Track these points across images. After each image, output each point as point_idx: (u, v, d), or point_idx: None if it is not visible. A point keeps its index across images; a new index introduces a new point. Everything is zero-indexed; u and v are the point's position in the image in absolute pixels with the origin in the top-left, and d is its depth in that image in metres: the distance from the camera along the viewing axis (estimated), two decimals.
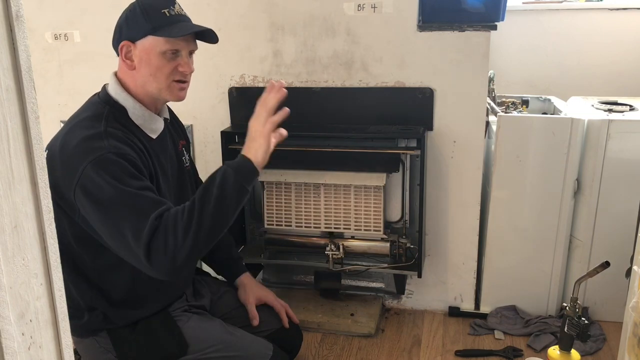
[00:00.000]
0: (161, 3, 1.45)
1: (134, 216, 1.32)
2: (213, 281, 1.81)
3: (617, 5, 2.96)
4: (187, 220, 1.34)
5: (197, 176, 1.83)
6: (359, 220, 2.11)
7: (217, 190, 1.38)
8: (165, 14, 1.44)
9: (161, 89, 1.47)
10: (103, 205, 1.33)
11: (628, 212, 1.93)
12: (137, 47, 1.44)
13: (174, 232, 1.33)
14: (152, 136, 1.51)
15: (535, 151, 2.03)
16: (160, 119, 1.55)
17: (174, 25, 1.44)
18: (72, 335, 1.54)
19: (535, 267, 2.14)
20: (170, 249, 1.32)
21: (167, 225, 1.33)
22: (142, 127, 1.49)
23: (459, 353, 2.01)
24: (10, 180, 0.60)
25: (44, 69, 2.30)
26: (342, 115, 2.13)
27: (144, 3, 1.45)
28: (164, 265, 1.33)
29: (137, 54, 1.44)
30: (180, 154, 1.66)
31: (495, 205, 2.11)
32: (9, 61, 0.59)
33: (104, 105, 1.46)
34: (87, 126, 1.40)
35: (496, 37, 2.13)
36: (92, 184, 1.32)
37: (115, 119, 1.43)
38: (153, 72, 1.44)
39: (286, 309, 1.77)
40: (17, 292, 0.61)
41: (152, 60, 1.44)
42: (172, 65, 1.45)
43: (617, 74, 3.00)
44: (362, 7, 2.01)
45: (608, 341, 2.03)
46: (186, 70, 1.48)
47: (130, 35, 1.44)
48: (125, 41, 1.44)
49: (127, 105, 1.47)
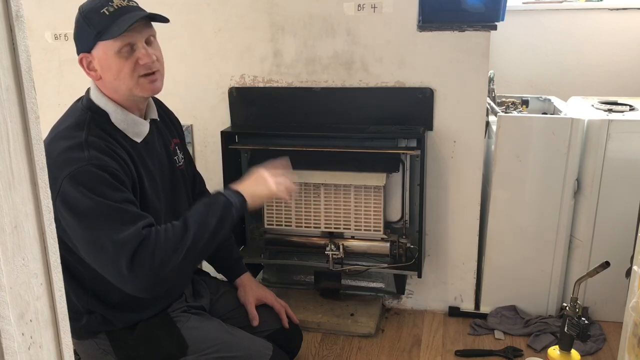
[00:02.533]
0: (99, 3, 1.39)
1: (116, 224, 1.30)
2: (212, 281, 1.80)
3: (617, 5, 2.96)
4: (179, 240, 1.34)
5: (195, 172, 1.81)
6: (359, 220, 2.11)
7: (216, 224, 1.39)
8: (105, 13, 1.37)
9: (130, 88, 1.42)
10: (82, 216, 1.31)
11: (628, 212, 1.93)
12: (94, 57, 1.40)
13: (165, 247, 1.32)
14: (137, 140, 1.48)
15: (535, 151, 2.03)
16: (145, 122, 1.51)
17: (115, 22, 1.37)
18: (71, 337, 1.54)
19: (535, 267, 2.14)
20: (156, 264, 1.31)
21: (158, 239, 1.32)
22: (126, 131, 1.46)
23: (459, 353, 2.01)
24: (10, 180, 0.60)
25: (44, 69, 2.30)
26: (342, 115, 2.13)
27: (85, 10, 1.40)
28: (144, 278, 1.32)
29: (96, 63, 1.40)
30: (172, 154, 1.63)
31: (495, 205, 2.11)
32: (9, 61, 0.59)
33: (86, 112, 1.43)
34: (68, 136, 1.38)
35: (496, 37, 2.13)
36: (71, 196, 1.30)
37: (97, 125, 1.41)
38: (116, 75, 1.40)
39: (286, 309, 1.77)
40: (17, 292, 0.61)
41: (111, 65, 1.39)
42: (131, 62, 1.39)
43: (617, 74, 3.00)
44: (362, 7, 2.01)
45: (608, 341, 2.03)
46: (147, 62, 1.40)
47: (83, 46, 1.41)
48: (81, 54, 1.41)
49: (108, 110, 1.44)
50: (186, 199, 1.67)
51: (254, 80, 2.18)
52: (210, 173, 2.25)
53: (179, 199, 1.62)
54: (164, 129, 1.64)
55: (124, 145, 1.44)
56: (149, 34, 1.43)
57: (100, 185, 1.31)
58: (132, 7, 1.42)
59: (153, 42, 1.46)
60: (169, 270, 1.33)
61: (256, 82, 2.18)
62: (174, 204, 1.59)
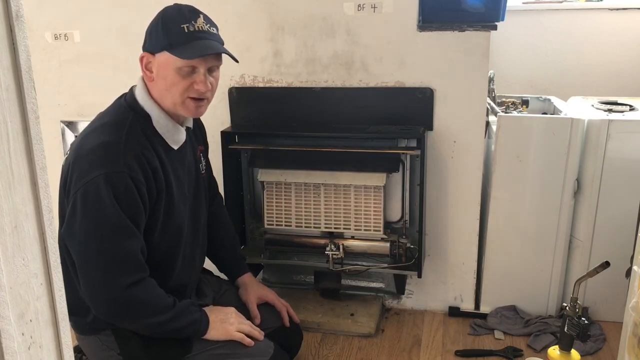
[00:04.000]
0: (182, 17, 1.41)
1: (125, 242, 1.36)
2: (215, 280, 1.82)
3: (617, 5, 2.96)
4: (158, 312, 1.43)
5: (211, 177, 1.83)
6: (359, 220, 2.11)
7: (177, 328, 1.46)
8: (184, 29, 1.40)
9: (175, 104, 1.44)
10: (94, 219, 1.34)
11: (628, 212, 1.93)
12: (156, 60, 1.42)
13: (150, 304, 1.41)
14: (174, 147, 1.50)
15: (535, 151, 2.03)
16: (183, 129, 1.53)
17: (190, 44, 1.39)
18: (74, 332, 1.57)
19: (535, 267, 2.14)
20: (134, 311, 1.40)
21: (152, 293, 1.42)
22: (165, 137, 1.48)
23: (459, 353, 2.01)
24: (10, 180, 0.60)
25: (44, 69, 2.30)
26: (342, 115, 2.13)
27: (167, 16, 1.42)
28: (116, 309, 1.40)
29: (155, 67, 1.43)
30: (197, 161, 1.65)
31: (495, 205, 2.11)
32: (9, 61, 0.59)
33: (128, 111, 1.45)
34: (108, 132, 1.40)
35: (496, 37, 2.13)
36: (95, 194, 1.32)
37: (138, 126, 1.42)
38: (168, 87, 1.42)
39: (287, 308, 1.78)
40: (17, 292, 0.61)
41: (167, 76, 1.41)
42: (187, 83, 1.42)
43: (617, 74, 3.00)
44: (362, 7, 2.01)
45: (608, 341, 2.03)
46: (202, 89, 1.43)
47: (150, 47, 1.43)
48: (145, 52, 1.43)
49: (152, 113, 1.46)
50: (205, 206, 1.69)
51: (254, 80, 2.18)
52: None
53: (200, 204, 1.65)
54: (193, 136, 1.66)
55: (159, 152, 1.45)
56: (214, 64, 1.47)
57: (126, 199, 1.35)
58: (211, 34, 1.45)
59: (215, 71, 1.49)
60: (134, 319, 1.43)
61: (256, 82, 2.18)
62: (194, 210, 1.62)
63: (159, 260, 1.49)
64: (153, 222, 1.44)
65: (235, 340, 1.54)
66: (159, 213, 1.45)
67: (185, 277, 1.60)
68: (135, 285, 1.37)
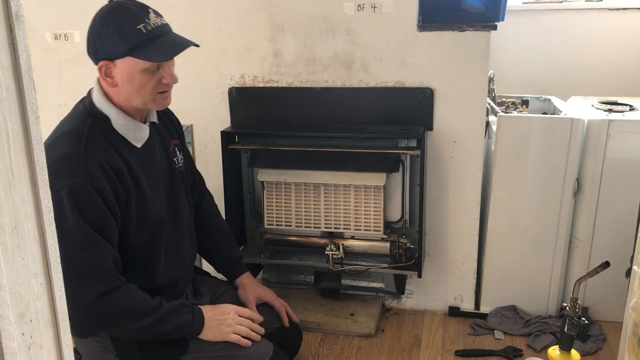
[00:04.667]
0: (134, 17, 1.37)
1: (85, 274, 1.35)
2: (213, 280, 1.81)
3: (617, 5, 2.96)
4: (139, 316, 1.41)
5: (195, 172, 1.81)
6: (359, 220, 2.11)
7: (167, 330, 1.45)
8: (142, 30, 1.37)
9: (146, 102, 1.44)
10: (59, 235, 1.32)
11: (628, 212, 1.93)
12: (116, 66, 1.39)
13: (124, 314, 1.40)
14: (137, 145, 1.49)
15: (535, 151, 2.03)
16: (145, 126, 1.52)
17: (153, 43, 1.37)
18: (71, 335, 1.56)
19: (535, 267, 2.14)
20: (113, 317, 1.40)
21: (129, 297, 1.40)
22: (126, 136, 1.47)
23: (459, 353, 2.01)
24: (10, 180, 0.60)
25: (44, 69, 2.30)
26: (342, 115, 2.13)
27: (116, 18, 1.37)
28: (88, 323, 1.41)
29: (117, 72, 1.40)
30: (171, 156, 1.63)
31: (495, 205, 2.11)
32: (9, 61, 0.59)
33: (87, 117, 1.44)
34: (67, 142, 1.39)
35: (496, 37, 2.13)
36: (58, 209, 1.29)
37: (97, 132, 1.42)
38: (137, 90, 1.41)
39: (286, 308, 1.77)
40: (17, 292, 0.61)
41: (134, 79, 1.39)
42: (155, 80, 1.41)
43: (617, 74, 3.00)
44: (362, 7, 2.01)
45: (608, 341, 2.03)
46: (170, 82, 1.44)
47: (108, 54, 1.39)
48: (103, 62, 1.39)
49: (110, 115, 1.44)
50: (186, 199, 1.67)
51: (254, 80, 2.18)
52: (210, 173, 2.25)
53: (179, 200, 1.63)
54: (164, 130, 1.64)
55: (123, 152, 1.45)
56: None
57: (91, 210, 1.34)
58: (166, 27, 1.44)
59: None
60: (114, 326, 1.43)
61: (256, 82, 2.18)
62: (174, 206, 1.61)
63: (140, 255, 1.49)
64: (127, 220, 1.44)
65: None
66: (132, 211, 1.44)
67: (173, 272, 1.58)
68: (108, 293, 1.37)
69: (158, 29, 1.40)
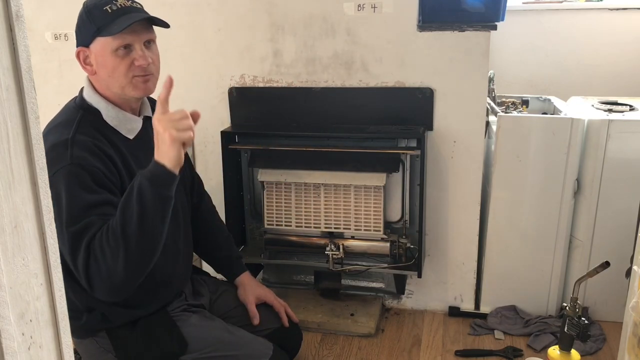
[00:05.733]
0: (104, 1, 1.41)
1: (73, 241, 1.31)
2: (212, 280, 1.81)
3: (617, 5, 2.96)
4: (113, 244, 1.29)
5: (193, 174, 1.81)
6: (359, 220, 2.11)
7: (137, 206, 1.29)
8: (107, 10, 1.40)
9: (123, 87, 1.43)
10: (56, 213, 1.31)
11: (628, 212, 1.93)
12: (91, 52, 1.42)
13: (104, 258, 1.30)
14: (129, 136, 1.49)
15: (535, 151, 2.03)
16: (138, 118, 1.52)
17: (116, 21, 1.39)
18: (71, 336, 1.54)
19: (535, 267, 2.14)
20: (104, 276, 1.30)
21: (96, 254, 1.31)
22: (118, 128, 1.47)
23: (459, 353, 2.01)
24: (10, 180, 0.60)
25: (44, 69, 2.30)
26: (342, 115, 2.13)
27: (88, 5, 1.43)
28: (104, 289, 1.33)
29: (93, 58, 1.43)
30: None
31: (495, 205, 2.11)
32: (9, 61, 0.59)
33: (77, 110, 1.45)
34: (57, 133, 1.40)
35: (496, 37, 2.13)
36: (55, 193, 1.30)
37: (88, 123, 1.42)
38: (110, 73, 1.42)
39: (285, 308, 1.77)
40: (17, 292, 0.61)
41: (106, 62, 1.41)
42: (127, 62, 1.41)
43: (617, 74, 3.00)
44: (362, 7, 2.01)
45: (608, 341, 2.03)
46: (143, 64, 1.41)
47: (83, 40, 1.43)
48: (79, 48, 1.43)
49: (100, 107, 1.46)
50: (185, 198, 1.67)
51: (254, 80, 2.18)
52: (210, 173, 2.25)
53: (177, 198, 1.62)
54: None
55: (114, 141, 1.44)
56: (148, 37, 1.45)
57: (77, 186, 1.32)
58: (135, 8, 1.44)
59: (152, 46, 1.48)
60: (122, 273, 1.30)
61: (256, 82, 2.18)
62: None
63: None
64: None
65: (232, 340, 1.53)
66: None
67: (168, 268, 1.56)
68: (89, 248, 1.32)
69: (124, 9, 1.42)
